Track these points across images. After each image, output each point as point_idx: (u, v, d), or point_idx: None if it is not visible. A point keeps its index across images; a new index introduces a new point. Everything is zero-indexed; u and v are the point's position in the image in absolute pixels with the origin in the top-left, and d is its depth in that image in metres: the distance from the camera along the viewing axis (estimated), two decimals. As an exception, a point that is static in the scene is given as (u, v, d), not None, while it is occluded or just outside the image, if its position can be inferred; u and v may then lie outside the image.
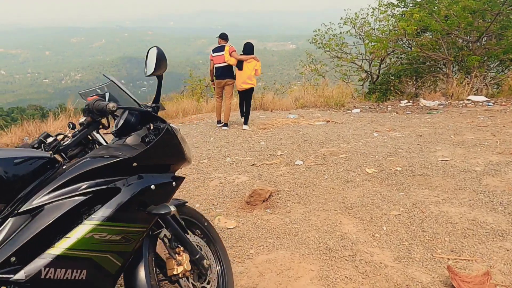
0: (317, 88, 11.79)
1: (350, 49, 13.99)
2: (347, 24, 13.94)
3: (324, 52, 14.03)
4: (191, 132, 6.39)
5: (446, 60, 11.08)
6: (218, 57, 6.28)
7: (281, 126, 6.31)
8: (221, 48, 6.29)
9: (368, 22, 13.81)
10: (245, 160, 4.28)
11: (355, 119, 6.71)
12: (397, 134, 4.99)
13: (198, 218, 1.69)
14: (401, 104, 9.78)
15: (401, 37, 11.88)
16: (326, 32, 13.94)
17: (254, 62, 6.18)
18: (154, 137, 1.39)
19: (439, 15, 10.19)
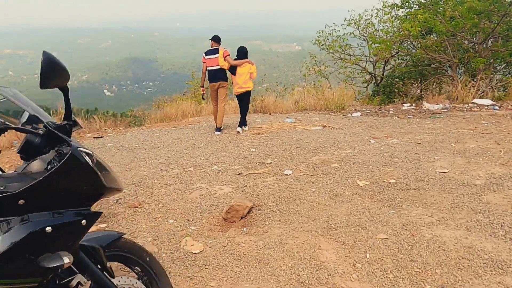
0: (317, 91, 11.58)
1: (353, 50, 13.79)
2: (351, 26, 13.73)
3: (328, 54, 13.82)
4: (182, 137, 6.19)
5: (451, 62, 10.79)
6: (211, 60, 6.18)
7: (275, 131, 6.08)
8: (214, 51, 6.20)
9: (372, 23, 13.59)
10: (232, 169, 4.06)
11: (353, 124, 6.45)
12: (395, 141, 4.73)
13: (138, 253, 1.44)
14: (404, 107, 9.50)
15: (405, 38, 11.63)
16: (330, 33, 13.73)
17: (248, 66, 6.09)
18: (57, 164, 1.13)
19: (444, 17, 9.91)
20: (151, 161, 4.81)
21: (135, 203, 3.09)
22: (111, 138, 6.67)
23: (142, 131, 7.20)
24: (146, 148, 5.60)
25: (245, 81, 6.07)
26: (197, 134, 6.34)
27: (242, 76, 6.04)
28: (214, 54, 6.13)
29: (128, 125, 9.82)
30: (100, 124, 8.37)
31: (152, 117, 12.48)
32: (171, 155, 5.04)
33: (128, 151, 5.53)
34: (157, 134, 6.66)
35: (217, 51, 6.15)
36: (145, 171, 4.31)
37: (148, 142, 5.99)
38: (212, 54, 6.17)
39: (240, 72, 6.03)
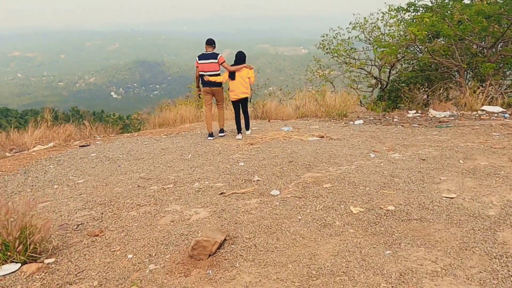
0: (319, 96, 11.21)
1: (358, 54, 13.44)
2: (356, 29, 13.39)
3: (332, 58, 13.48)
4: (171, 147, 5.82)
5: (459, 67, 10.33)
6: (205, 65, 5.90)
7: (270, 142, 5.69)
8: (208, 56, 5.91)
9: (378, 27, 13.23)
10: (214, 187, 3.67)
11: (354, 134, 6.03)
12: (397, 156, 4.30)
13: None
14: (409, 114, 9.05)
15: (411, 43, 11.22)
16: (334, 37, 13.39)
17: (246, 70, 5.91)
18: None
19: (452, 20, 9.48)
20: (131, 175, 4.45)
21: (95, 230, 2.71)
22: (97, 147, 6.33)
23: (131, 139, 6.86)
24: (130, 160, 5.24)
25: (243, 88, 5.91)
26: (187, 144, 5.96)
27: (240, 82, 5.86)
28: (209, 59, 5.86)
29: (120, 131, 9.53)
30: (90, 131, 8.06)
31: (151, 122, 12.24)
32: (154, 168, 4.67)
33: (110, 162, 5.18)
34: (146, 143, 6.31)
35: (212, 56, 5.88)
36: (121, 187, 3.94)
37: (134, 152, 5.64)
38: (206, 58, 5.89)
39: (238, 78, 5.85)
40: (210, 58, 5.86)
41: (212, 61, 5.85)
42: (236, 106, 6.23)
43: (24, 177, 4.71)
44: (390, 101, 11.98)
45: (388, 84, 12.89)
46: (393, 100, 12.10)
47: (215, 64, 5.87)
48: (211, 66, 5.86)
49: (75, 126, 8.50)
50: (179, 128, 8.81)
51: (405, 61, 12.60)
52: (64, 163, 5.29)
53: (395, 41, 11.85)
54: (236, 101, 6.08)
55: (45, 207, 3.50)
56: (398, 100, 12.07)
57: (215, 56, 5.88)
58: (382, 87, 13.09)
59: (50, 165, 5.23)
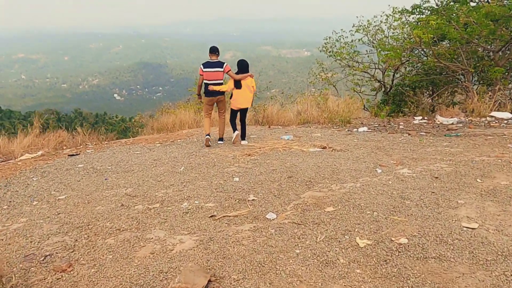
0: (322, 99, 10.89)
1: (362, 57, 13.14)
2: (360, 32, 13.10)
3: (335, 61, 13.19)
4: (163, 158, 5.47)
5: (466, 71, 9.97)
6: (210, 73, 5.75)
7: (268, 152, 5.33)
8: (214, 64, 5.77)
9: (381, 30, 12.94)
10: (205, 208, 3.32)
11: (358, 144, 5.65)
12: (406, 172, 3.92)
13: None
14: (415, 121, 8.67)
15: (416, 46, 10.87)
16: (337, 40, 13.10)
17: (250, 79, 5.93)
18: None
19: (458, 23, 9.13)
20: (117, 190, 4.10)
21: (63, 265, 2.36)
22: (87, 156, 5.99)
23: (123, 148, 6.52)
24: (119, 172, 4.90)
25: (248, 98, 5.91)
26: (181, 154, 5.61)
27: (245, 92, 5.84)
28: (214, 68, 5.73)
29: (116, 137, 9.22)
30: (83, 138, 7.73)
31: (149, 127, 11.97)
32: (142, 182, 4.33)
33: (97, 175, 4.84)
34: (137, 153, 5.96)
35: (217, 64, 5.76)
36: (103, 206, 3.60)
37: (124, 164, 5.30)
38: (211, 67, 5.74)
39: (244, 87, 5.82)
40: (216, 66, 5.73)
41: (218, 69, 5.72)
42: (235, 114, 6.14)
43: (4, 191, 4.38)
44: (394, 105, 11.67)
45: (392, 87, 12.56)
46: (397, 104, 11.78)
47: (220, 73, 5.75)
48: (216, 75, 5.73)
49: (68, 133, 8.19)
50: (175, 135, 8.50)
51: (409, 65, 12.28)
52: (49, 175, 4.96)
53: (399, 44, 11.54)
54: (236, 110, 6.00)
55: (17, 229, 3.16)
56: (402, 104, 11.74)
57: (220, 64, 5.75)
58: (386, 90, 12.77)
59: (33, 177, 4.90)
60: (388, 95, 12.47)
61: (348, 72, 12.89)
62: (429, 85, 11.56)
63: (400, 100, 11.73)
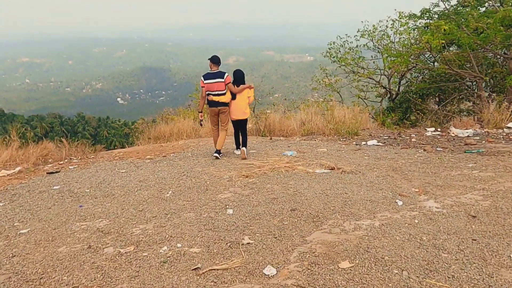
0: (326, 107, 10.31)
1: (367, 63, 12.65)
2: (365, 37, 12.64)
3: (339, 67, 12.72)
4: (150, 178, 4.85)
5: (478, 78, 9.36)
6: (211, 85, 5.62)
7: (269, 174, 4.69)
8: (214, 75, 5.65)
9: (387, 35, 12.47)
10: (188, 254, 2.68)
11: (369, 164, 5.00)
12: (433, 205, 3.27)
13: None
14: (427, 133, 8.03)
15: (425, 51, 10.28)
16: (342, 45, 12.63)
17: (247, 90, 5.81)
18: None
19: (468, 28, 8.56)
20: (90, 223, 3.48)
21: None
22: (67, 175, 5.38)
23: (109, 164, 5.91)
24: (97, 196, 4.28)
25: (243, 108, 5.79)
26: (170, 174, 4.98)
27: (240, 103, 5.75)
28: (215, 79, 5.61)
29: (105, 148, 8.64)
30: (68, 151, 7.13)
31: (145, 135, 11.47)
32: (121, 212, 3.70)
33: (72, 199, 4.22)
34: (123, 171, 5.34)
35: (218, 75, 5.62)
36: (68, 247, 2.97)
37: (105, 186, 4.67)
38: (212, 78, 5.62)
39: (239, 98, 5.73)
40: (217, 77, 5.60)
41: (219, 80, 5.59)
42: (236, 125, 6.06)
43: (-39, 220, 3.77)
44: (401, 113, 11.13)
45: (398, 94, 11.89)
46: (404, 112, 11.25)
47: (222, 84, 5.61)
48: (217, 86, 5.61)
49: (54, 144, 7.60)
50: (170, 147, 7.91)
51: (416, 71, 11.76)
52: (19, 199, 4.35)
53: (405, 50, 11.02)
54: (235, 121, 5.94)
55: (-45, 281, 2.54)
56: (409, 112, 11.21)
57: (221, 75, 5.63)
58: (392, 97, 12.23)
59: (0, 201, 4.29)
60: (394, 102, 11.96)
61: (352, 78, 12.42)
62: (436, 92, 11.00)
63: (407, 107, 11.20)
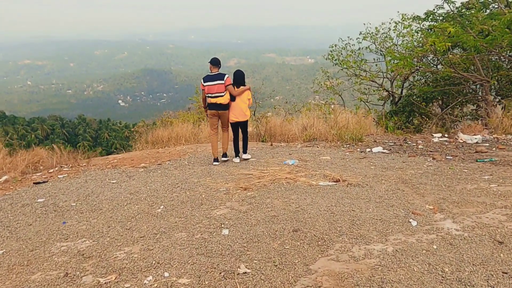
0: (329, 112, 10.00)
1: (370, 66, 12.38)
2: (367, 39, 12.35)
3: (341, 70, 12.44)
4: (142, 190, 4.52)
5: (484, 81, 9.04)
6: (211, 87, 5.54)
7: (269, 186, 4.36)
8: (214, 77, 5.56)
9: (390, 37, 12.18)
10: (175, 286, 2.34)
11: (377, 175, 4.67)
12: (452, 227, 2.93)
13: None
14: (434, 139, 7.70)
15: (429, 54, 9.98)
16: (344, 47, 12.34)
17: (246, 92, 5.70)
18: None
19: (474, 30, 8.28)
20: (71, 243, 3.15)
21: None
22: (54, 185, 5.06)
23: (100, 174, 5.59)
24: (83, 211, 3.96)
25: (242, 110, 5.65)
26: (164, 186, 4.66)
27: (240, 105, 5.62)
28: (215, 81, 5.53)
29: (105, 151, 8.33)
30: (60, 158, 6.81)
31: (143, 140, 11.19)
32: (106, 230, 3.37)
33: (56, 215, 3.89)
34: (114, 182, 5.02)
35: (218, 77, 5.54)
36: (43, 273, 2.65)
37: (93, 198, 4.35)
38: (212, 80, 5.55)
39: (238, 100, 5.61)
40: (216, 79, 5.53)
41: (219, 82, 5.52)
42: (235, 128, 5.88)
43: None
44: (404, 116, 10.84)
45: (401, 98, 11.63)
46: (407, 115, 10.96)
47: (221, 86, 5.53)
48: (217, 88, 5.52)
49: (46, 150, 7.29)
50: (167, 153, 7.60)
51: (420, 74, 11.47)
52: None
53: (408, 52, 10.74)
54: (235, 123, 5.78)
55: None
56: (412, 115, 10.92)
57: (221, 77, 5.55)
58: (394, 101, 11.94)
59: (-21, 216, 3.97)
60: (397, 106, 11.68)
61: (354, 81, 12.15)
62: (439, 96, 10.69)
63: (410, 111, 10.92)
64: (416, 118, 11.03)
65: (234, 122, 5.74)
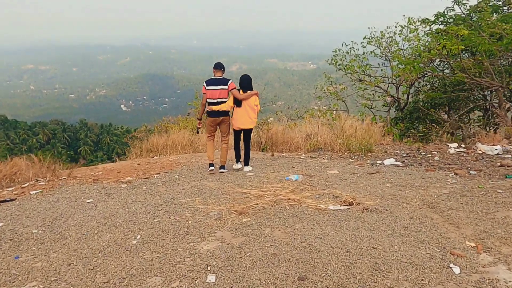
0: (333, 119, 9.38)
1: (374, 71, 11.88)
2: (372, 44, 11.87)
3: (345, 75, 11.95)
4: (118, 214, 3.84)
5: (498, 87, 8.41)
6: (214, 91, 5.21)
7: (268, 210, 3.67)
8: (217, 81, 5.25)
9: (395, 42, 11.69)
10: None
11: (395, 196, 3.97)
12: (509, 278, 2.23)
13: None
14: (450, 150, 7.02)
15: (441, 58, 9.38)
16: (347, 52, 11.85)
17: (254, 98, 5.31)
18: None
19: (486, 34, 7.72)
20: (15, 291, 2.46)
21: None
22: (22, 204, 4.39)
23: (76, 190, 4.91)
24: (45, 241, 3.27)
25: (250, 117, 5.27)
26: (145, 207, 3.97)
27: (246, 111, 5.21)
28: (218, 85, 5.22)
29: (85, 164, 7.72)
30: (38, 169, 6.15)
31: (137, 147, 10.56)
32: (65, 271, 2.68)
33: (11, 246, 3.21)
34: (89, 201, 4.34)
35: (221, 81, 5.23)
36: None
37: (60, 223, 3.67)
38: (215, 84, 5.23)
39: (245, 106, 5.21)
40: (220, 84, 5.22)
41: (222, 87, 5.21)
42: (238, 135, 5.49)
43: None
44: (410, 123, 10.29)
45: (406, 104, 11.09)
46: (413, 122, 10.40)
47: (225, 91, 5.22)
48: (220, 93, 5.21)
49: (26, 160, 6.62)
50: (159, 164, 6.96)
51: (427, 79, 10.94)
52: None
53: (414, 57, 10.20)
54: (239, 130, 5.41)
55: None
56: (418, 122, 10.35)
57: (225, 81, 5.23)
58: (400, 107, 11.36)
59: None
60: (403, 112, 11.14)
61: (358, 86, 11.65)
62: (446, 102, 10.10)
63: (417, 117, 10.35)
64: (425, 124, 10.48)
65: (238, 129, 5.37)
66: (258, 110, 5.42)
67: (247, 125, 5.29)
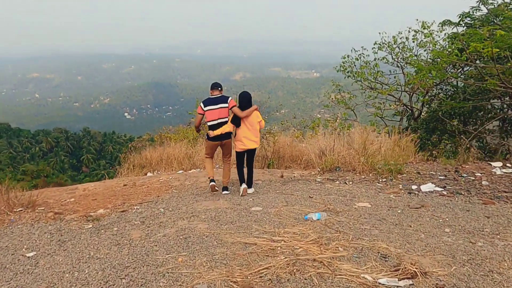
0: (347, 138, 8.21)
1: (387, 78, 10.97)
2: (383, 50, 10.97)
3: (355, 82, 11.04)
4: (63, 279, 2.58)
5: None
6: (213, 112, 4.77)
7: (286, 279, 2.40)
8: (216, 100, 4.82)
9: (409, 48, 10.75)
10: None
11: (472, 256, 2.69)
12: None
13: None
14: (495, 170, 5.76)
15: (470, 63, 8.27)
16: (357, 58, 10.93)
17: (256, 114, 4.85)
18: None
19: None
20: None
21: None
22: None
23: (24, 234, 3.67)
24: None
25: (252, 136, 4.81)
26: (103, 272, 2.70)
27: (247, 129, 4.77)
28: (217, 104, 4.80)
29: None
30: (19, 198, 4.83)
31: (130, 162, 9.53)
32: None
33: None
34: (29, 256, 3.09)
35: (221, 100, 4.81)
36: None
37: None
38: (213, 103, 4.79)
39: (247, 124, 4.75)
40: (219, 102, 4.80)
41: (222, 105, 4.79)
42: (241, 157, 4.95)
43: None
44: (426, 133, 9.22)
45: (421, 113, 10.22)
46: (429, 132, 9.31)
47: (225, 109, 4.80)
48: (220, 112, 4.79)
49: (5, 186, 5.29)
50: (144, 188, 5.81)
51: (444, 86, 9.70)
52: None
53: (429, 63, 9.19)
54: (242, 152, 4.90)
55: None
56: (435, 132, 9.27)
57: (224, 99, 4.83)
58: (413, 116, 10.33)
59: None
60: (417, 122, 10.11)
61: (368, 94, 10.70)
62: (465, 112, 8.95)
63: (434, 127, 9.24)
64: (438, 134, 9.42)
65: (242, 151, 4.87)
66: (262, 126, 4.93)
67: (250, 145, 4.84)
